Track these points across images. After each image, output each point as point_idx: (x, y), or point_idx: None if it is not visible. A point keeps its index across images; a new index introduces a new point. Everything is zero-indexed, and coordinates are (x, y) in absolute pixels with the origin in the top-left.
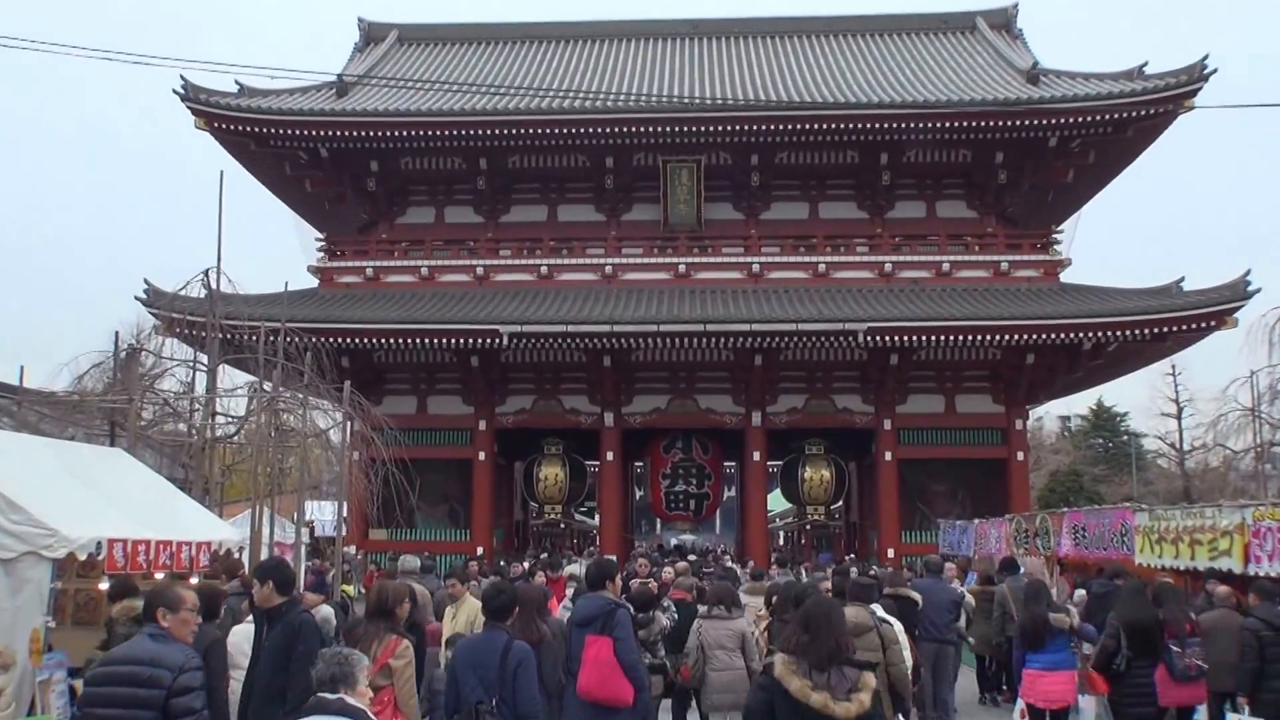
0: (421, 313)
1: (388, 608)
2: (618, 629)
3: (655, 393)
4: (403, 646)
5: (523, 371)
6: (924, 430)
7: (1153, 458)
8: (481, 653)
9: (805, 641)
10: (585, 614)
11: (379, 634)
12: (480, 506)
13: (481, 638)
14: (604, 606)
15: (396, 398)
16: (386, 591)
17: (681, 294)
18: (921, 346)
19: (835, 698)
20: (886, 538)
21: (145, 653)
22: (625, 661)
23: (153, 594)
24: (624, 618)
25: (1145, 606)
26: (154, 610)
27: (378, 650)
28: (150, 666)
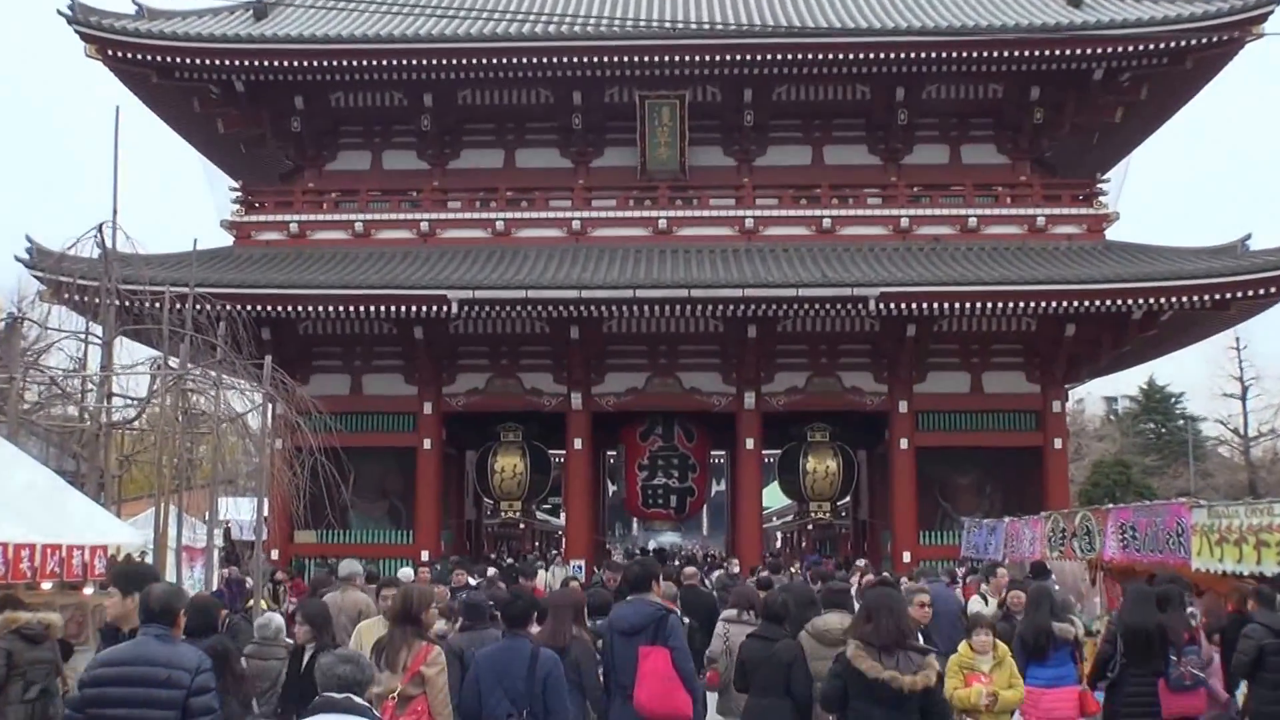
0: (355, 276)
1: (414, 613)
2: (673, 637)
3: (631, 370)
4: (434, 653)
5: (475, 345)
6: (946, 414)
7: (1213, 445)
8: (507, 663)
9: (870, 629)
10: (631, 621)
11: (408, 640)
12: (426, 503)
13: (504, 647)
14: (653, 613)
15: (326, 376)
16: (412, 596)
17: (662, 253)
18: (943, 315)
19: (903, 673)
20: (901, 539)
21: (158, 654)
22: (684, 672)
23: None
24: (676, 624)
25: (1148, 611)
26: (176, 613)
27: (408, 658)
28: (166, 667)
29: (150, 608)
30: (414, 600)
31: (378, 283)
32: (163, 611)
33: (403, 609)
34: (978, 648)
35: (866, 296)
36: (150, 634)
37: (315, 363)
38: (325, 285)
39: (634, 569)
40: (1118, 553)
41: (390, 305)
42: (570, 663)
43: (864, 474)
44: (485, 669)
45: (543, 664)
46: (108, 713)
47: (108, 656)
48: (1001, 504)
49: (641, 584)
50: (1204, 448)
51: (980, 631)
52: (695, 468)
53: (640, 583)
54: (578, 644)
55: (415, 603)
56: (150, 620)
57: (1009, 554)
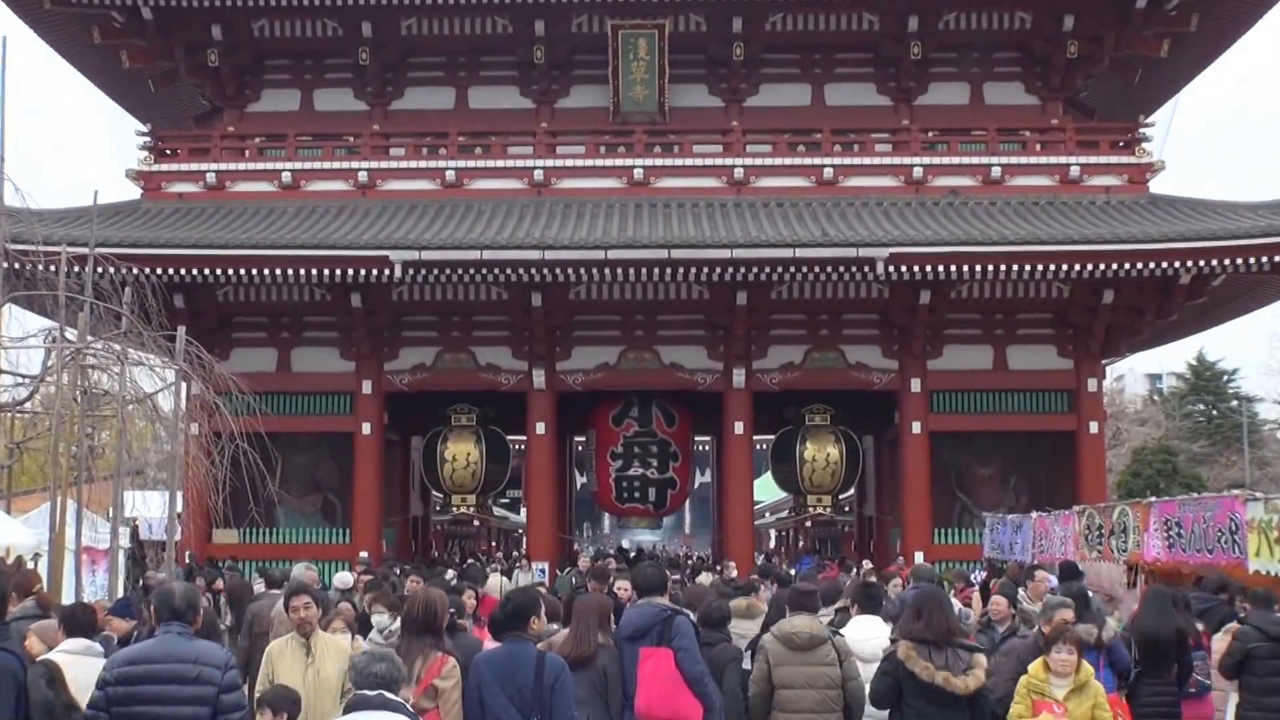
0: (283, 234)
1: (432, 621)
2: (679, 637)
3: (602, 343)
4: (449, 665)
5: (422, 314)
6: (965, 394)
7: (1271, 430)
8: (511, 668)
9: (919, 627)
10: (636, 625)
11: (423, 650)
12: (365, 497)
13: (506, 651)
14: (658, 614)
15: (250, 350)
16: (431, 602)
17: (638, 208)
18: (962, 280)
19: (954, 674)
20: (913, 537)
21: (186, 651)
22: (690, 675)
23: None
24: (685, 625)
25: (1165, 616)
26: (196, 611)
27: (421, 669)
28: (196, 664)
29: (171, 605)
30: (436, 608)
31: (309, 242)
32: (187, 608)
33: (423, 618)
34: (1055, 667)
35: (874, 258)
36: (173, 631)
37: (236, 335)
38: (247, 245)
39: (647, 571)
40: (1161, 552)
41: (323, 268)
42: (596, 672)
43: (870, 463)
44: (487, 675)
45: (550, 668)
46: (138, 711)
47: (132, 655)
48: (1028, 497)
49: (655, 588)
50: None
51: (1062, 648)
52: (676, 456)
53: (653, 586)
54: (604, 652)
55: (434, 610)
56: (171, 618)
57: (1037, 554)
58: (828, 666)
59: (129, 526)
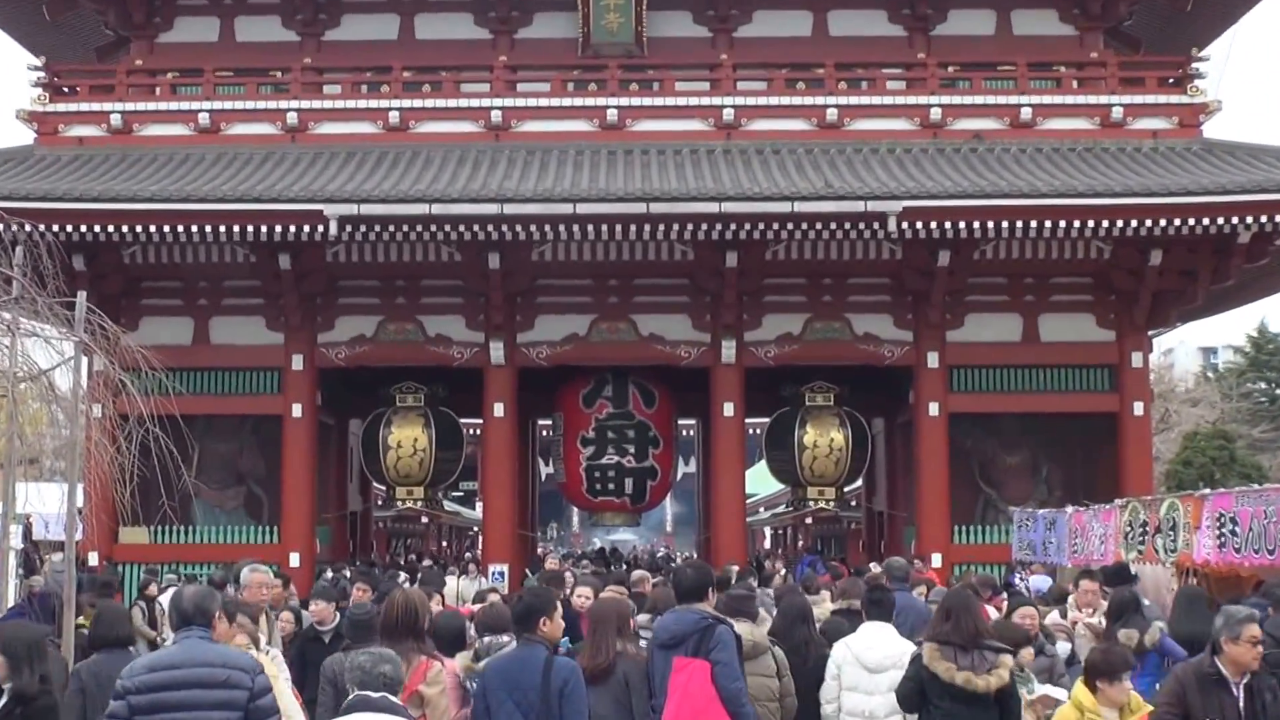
0: (200, 185)
1: (414, 623)
2: (716, 649)
3: (571, 311)
4: (434, 670)
5: (362, 278)
6: (990, 370)
7: None
8: (517, 672)
9: (948, 629)
10: (673, 632)
11: (406, 655)
12: (295, 490)
13: (514, 655)
14: (698, 622)
15: (162, 320)
16: (410, 603)
17: (611, 155)
18: (987, 239)
19: (977, 674)
20: (929, 536)
21: (213, 655)
22: (726, 692)
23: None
24: (725, 636)
25: (1200, 619)
26: (212, 615)
27: (405, 675)
28: (224, 668)
29: (184, 610)
30: (414, 609)
31: (230, 194)
32: (198, 613)
33: (402, 618)
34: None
35: (885, 213)
36: (193, 636)
37: (146, 302)
38: (158, 197)
39: (686, 574)
40: (1212, 553)
41: (246, 224)
42: (617, 683)
43: (880, 450)
44: (494, 681)
45: (558, 672)
46: (165, 718)
47: (154, 661)
48: (1063, 489)
49: (694, 593)
50: None
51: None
52: (657, 442)
53: (693, 591)
54: (625, 660)
55: (416, 611)
56: (187, 623)
57: (1072, 555)
58: (767, 678)
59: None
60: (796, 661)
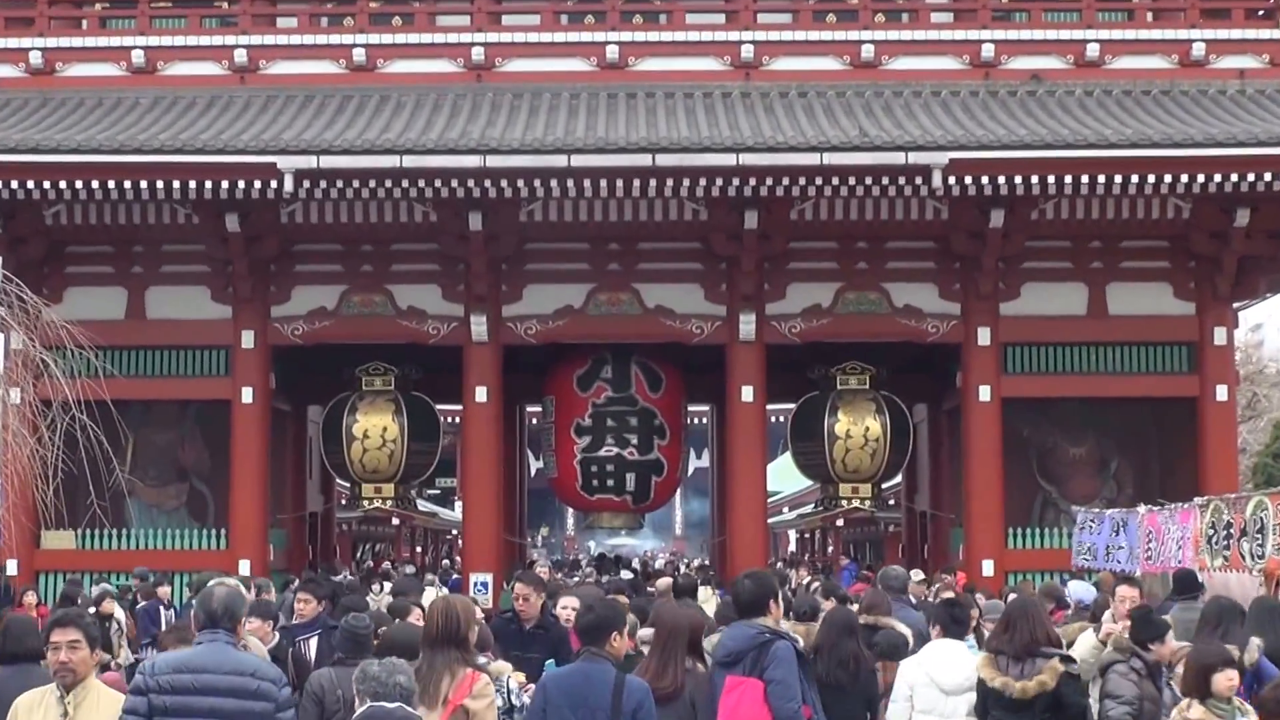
0: (134, 133)
1: (457, 632)
2: (773, 667)
3: (565, 280)
4: (481, 683)
5: (323, 243)
6: (1050, 348)
7: None
8: (584, 691)
9: (1005, 639)
10: (730, 649)
11: (449, 667)
12: (245, 487)
13: (579, 670)
14: (754, 638)
15: (91, 291)
16: (453, 611)
17: (612, 99)
18: (1047, 196)
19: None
20: (980, 540)
21: (243, 663)
22: (780, 713)
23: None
24: (784, 653)
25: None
26: (239, 619)
27: (449, 688)
28: (255, 678)
29: (212, 610)
30: (456, 617)
31: (169, 145)
32: (226, 615)
33: (443, 629)
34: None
35: (929, 166)
36: (220, 639)
37: (72, 270)
38: (86, 148)
39: (745, 585)
40: None
41: (189, 180)
42: (684, 706)
43: (923, 441)
44: (556, 698)
45: (630, 693)
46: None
47: (177, 662)
48: (1134, 486)
49: (754, 606)
50: None
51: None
52: (663, 431)
53: (752, 604)
54: (694, 680)
55: (459, 621)
56: (214, 625)
57: (1144, 561)
58: None
59: None
60: (844, 677)
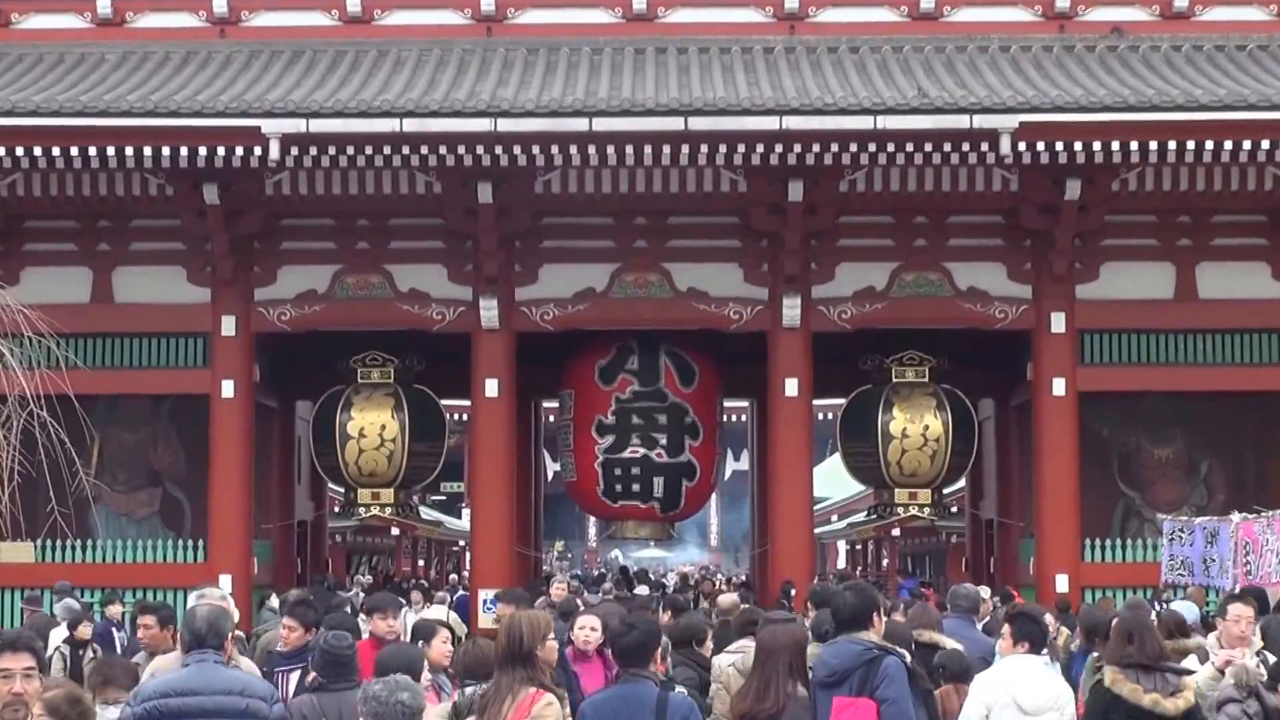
0: (99, 93)
1: (523, 649)
2: (884, 686)
3: (586, 259)
4: (542, 703)
5: (312, 217)
6: (1131, 337)
7: None
8: (624, 714)
9: (1132, 650)
10: (833, 668)
11: (513, 687)
12: (225, 493)
13: (618, 694)
14: (860, 654)
15: (51, 271)
16: (517, 628)
17: (639, 55)
18: (1130, 164)
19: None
20: (1053, 552)
21: (230, 681)
22: None
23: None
24: (895, 670)
25: None
26: (225, 636)
27: (509, 709)
28: (243, 696)
29: (197, 629)
30: (522, 633)
31: (138, 106)
32: (212, 633)
33: (507, 647)
34: None
35: (997, 131)
36: (208, 660)
37: (31, 247)
38: (45, 110)
39: (846, 599)
40: None
41: (162, 146)
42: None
43: (989, 440)
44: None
45: (675, 710)
46: None
47: (165, 686)
48: (1228, 491)
49: (856, 620)
50: None
51: None
52: (696, 430)
53: (854, 619)
54: (796, 705)
55: (525, 637)
56: (200, 645)
57: (1241, 576)
58: None
59: None
60: None
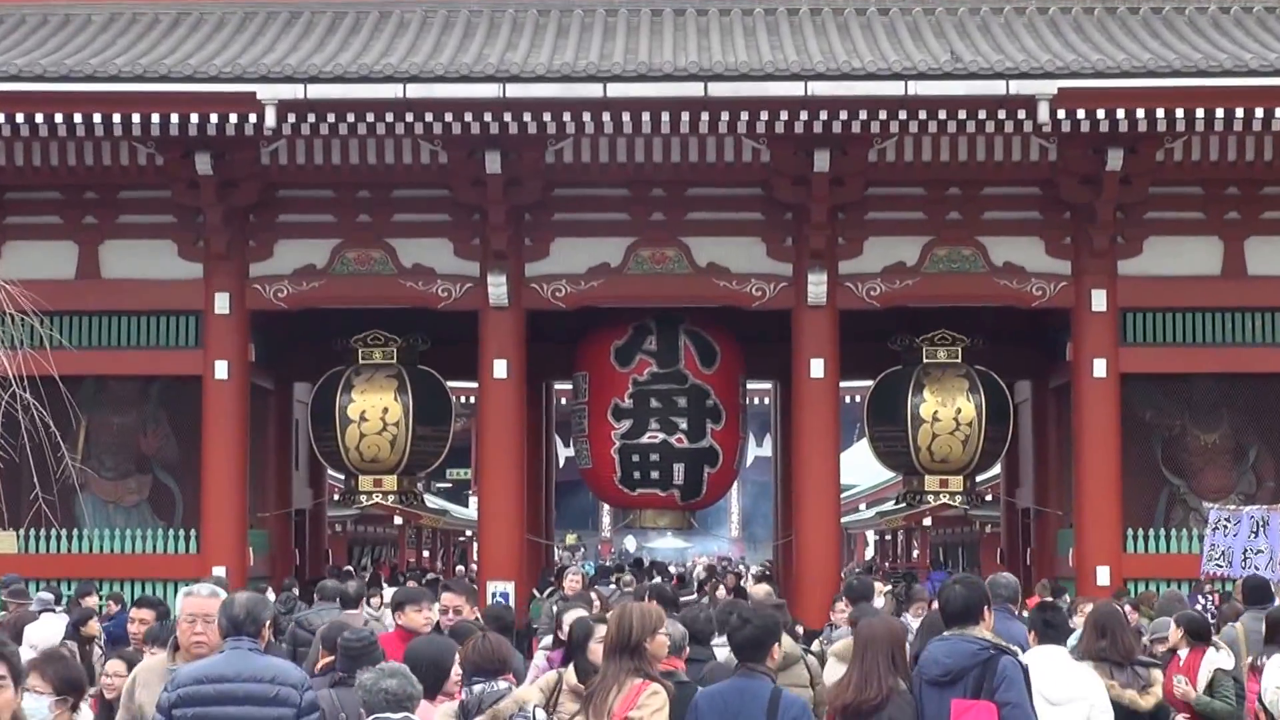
0: (84, 57)
1: (632, 641)
2: (1005, 688)
3: (600, 233)
4: (649, 691)
5: (310, 188)
6: (1176, 315)
7: None
8: (737, 708)
9: (1104, 645)
10: (946, 667)
11: (619, 677)
12: (219, 480)
13: (733, 688)
14: (976, 653)
15: (35, 245)
16: (627, 619)
17: (656, 16)
18: (1175, 133)
19: (1140, 693)
20: (1094, 542)
21: (263, 668)
22: None
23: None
24: (1014, 671)
25: None
26: (262, 624)
27: (615, 700)
28: (273, 684)
29: (235, 616)
30: (632, 625)
31: (126, 71)
32: (249, 621)
33: (616, 638)
34: None
35: (1034, 97)
36: (242, 647)
37: (12, 220)
38: (27, 75)
39: (955, 591)
40: None
41: (150, 114)
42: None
43: (1026, 425)
44: (708, 715)
45: (787, 708)
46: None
47: (198, 672)
48: (1277, 479)
49: (966, 614)
50: None
51: None
52: (718, 413)
53: (964, 613)
54: (898, 700)
55: (634, 629)
56: (238, 632)
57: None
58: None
59: None
60: None
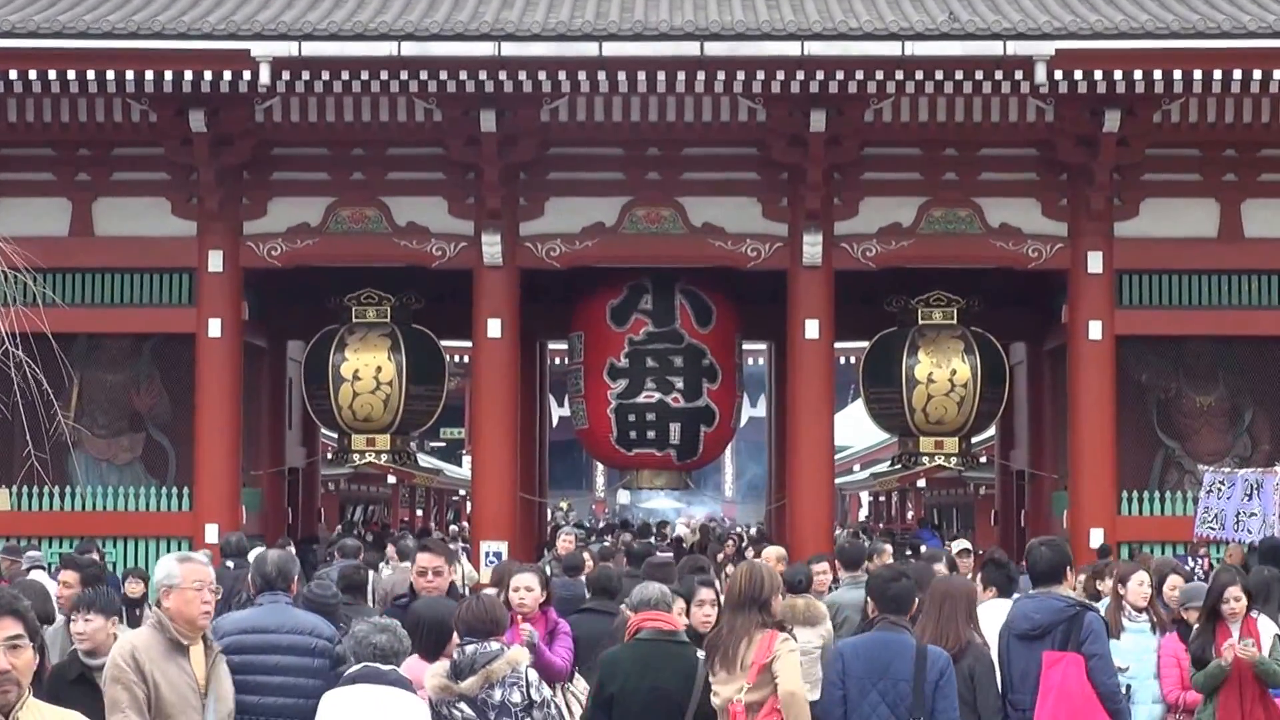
0: (78, 13)
1: (760, 595)
2: (1090, 641)
3: (595, 192)
4: (779, 640)
5: (303, 146)
6: (1174, 277)
7: None
8: (886, 660)
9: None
10: (1035, 622)
11: (749, 630)
12: (212, 438)
13: (877, 640)
14: (1063, 610)
15: (27, 203)
16: (757, 574)
17: None
18: (1173, 94)
19: None
20: (1088, 505)
21: (301, 621)
22: (1105, 690)
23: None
24: (1096, 625)
25: None
26: (292, 580)
27: (747, 652)
28: (312, 636)
29: (268, 574)
30: (761, 581)
31: (119, 27)
32: (280, 576)
33: (745, 591)
34: None
35: (1031, 58)
36: (280, 601)
37: (5, 177)
38: (20, 32)
39: (1042, 552)
40: None
41: (145, 71)
42: (961, 674)
43: (1021, 386)
44: (855, 668)
45: (934, 663)
46: (251, 681)
47: (243, 622)
48: (1272, 442)
49: (1051, 574)
50: None
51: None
52: (714, 373)
53: (1049, 573)
54: (974, 650)
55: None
56: (271, 588)
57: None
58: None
59: None
60: None
